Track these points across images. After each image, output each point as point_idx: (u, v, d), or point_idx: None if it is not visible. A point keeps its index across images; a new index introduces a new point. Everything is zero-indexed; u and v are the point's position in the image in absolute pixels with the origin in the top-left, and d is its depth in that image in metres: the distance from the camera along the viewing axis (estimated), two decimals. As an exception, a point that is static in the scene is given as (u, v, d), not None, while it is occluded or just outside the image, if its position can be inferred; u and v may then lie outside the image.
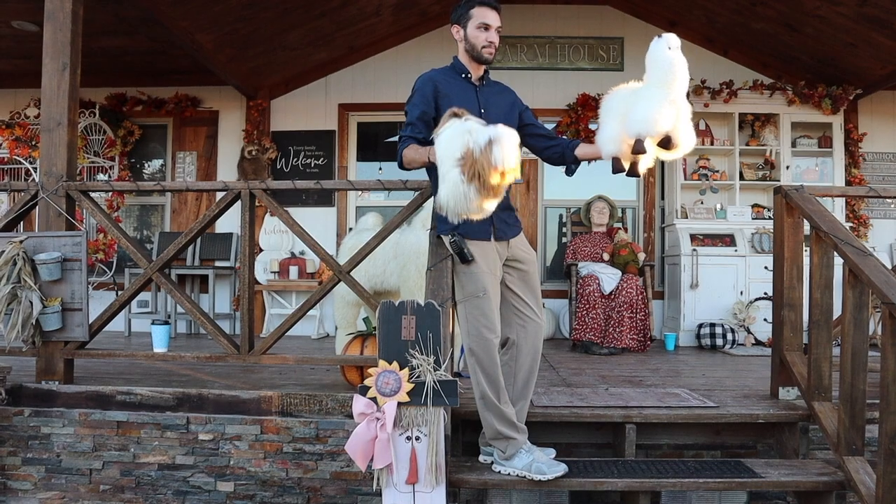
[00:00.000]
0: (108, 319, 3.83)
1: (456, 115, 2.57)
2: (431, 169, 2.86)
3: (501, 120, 2.96)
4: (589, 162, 3.06)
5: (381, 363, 2.53)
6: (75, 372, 3.86)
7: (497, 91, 3.09)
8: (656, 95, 2.68)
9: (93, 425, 3.54)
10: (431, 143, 2.85)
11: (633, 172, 2.85)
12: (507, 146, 2.44)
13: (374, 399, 2.51)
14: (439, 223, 2.97)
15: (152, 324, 4.47)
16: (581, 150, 3.02)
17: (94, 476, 3.52)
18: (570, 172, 3.11)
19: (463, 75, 2.98)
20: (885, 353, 2.51)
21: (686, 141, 2.76)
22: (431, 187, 3.05)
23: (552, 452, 3.04)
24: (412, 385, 2.52)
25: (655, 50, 2.73)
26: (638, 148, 2.70)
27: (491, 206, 2.56)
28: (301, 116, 7.32)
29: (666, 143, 2.71)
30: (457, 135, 2.51)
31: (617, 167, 2.86)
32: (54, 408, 3.59)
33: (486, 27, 2.92)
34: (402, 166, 2.95)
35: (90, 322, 3.74)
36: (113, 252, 6.93)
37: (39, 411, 3.58)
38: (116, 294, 6.54)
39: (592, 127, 7.02)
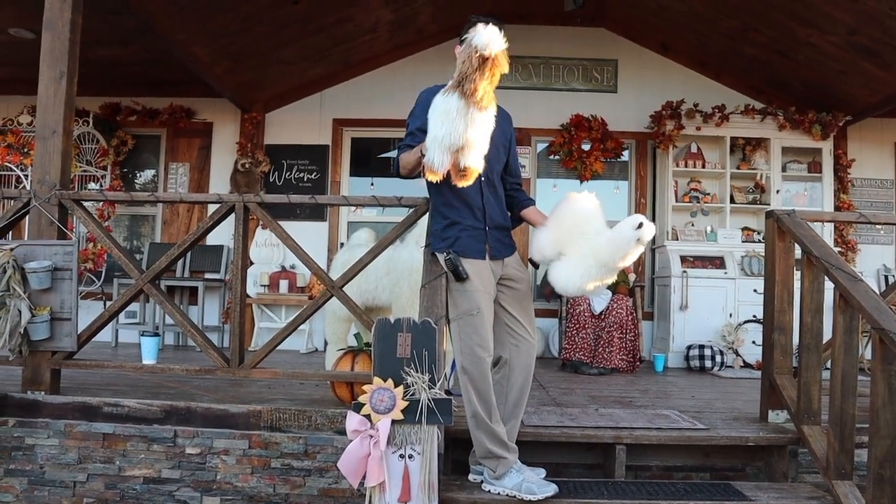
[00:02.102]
0: (98, 330, 3.80)
1: None
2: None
3: (495, 144, 2.98)
4: None
5: (376, 380, 2.52)
6: (62, 382, 3.81)
7: (496, 115, 3.09)
8: (592, 274, 2.85)
9: (78, 437, 3.49)
10: None
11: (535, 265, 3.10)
12: (486, 32, 2.46)
13: (367, 416, 2.50)
14: (434, 241, 2.98)
15: (142, 335, 4.44)
16: (526, 213, 3.13)
17: (78, 489, 3.46)
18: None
19: None
20: (874, 377, 2.52)
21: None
22: (430, 198, 3.06)
23: (542, 472, 3.03)
24: (406, 403, 2.50)
25: (625, 231, 2.81)
26: (548, 292, 2.97)
27: (478, 127, 2.52)
28: (295, 130, 7.33)
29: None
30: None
31: (534, 265, 3.10)
32: (39, 419, 3.54)
33: None
34: (398, 172, 2.95)
35: (79, 332, 3.71)
36: (102, 262, 6.88)
37: (24, 422, 3.53)
38: (104, 304, 6.49)
39: (585, 147, 7.09)
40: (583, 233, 2.85)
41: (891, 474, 2.47)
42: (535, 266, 3.10)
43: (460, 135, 2.48)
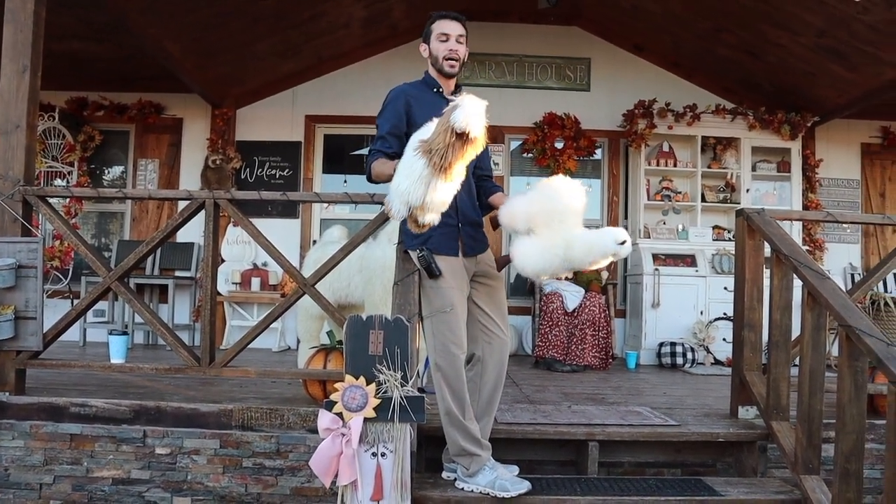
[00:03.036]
0: (64, 329, 3.73)
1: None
2: None
3: None
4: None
5: (348, 378, 2.50)
6: (27, 382, 3.73)
7: None
8: (555, 266, 2.78)
9: (44, 438, 3.43)
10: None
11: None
12: (469, 108, 2.34)
13: (339, 414, 2.48)
14: (407, 238, 2.96)
15: (110, 334, 4.35)
16: (494, 199, 3.07)
17: (45, 491, 3.40)
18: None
19: (434, 89, 2.98)
20: (841, 373, 2.56)
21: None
22: None
23: (515, 469, 3.03)
24: (379, 400, 2.49)
25: (607, 243, 2.76)
26: (504, 261, 3.02)
27: (439, 195, 2.48)
28: (267, 127, 7.25)
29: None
30: (426, 129, 2.50)
31: (494, 224, 3.09)
32: (4, 420, 3.46)
33: (446, 37, 2.92)
34: (370, 179, 2.94)
35: (44, 331, 3.63)
36: (69, 259, 6.75)
37: (-13, 423, 3.46)
38: (72, 303, 6.37)
39: (558, 145, 7.12)
40: (562, 221, 2.77)
41: (856, 468, 2.52)
42: (495, 227, 3.08)
43: (419, 198, 2.47)
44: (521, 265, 2.80)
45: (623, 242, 2.72)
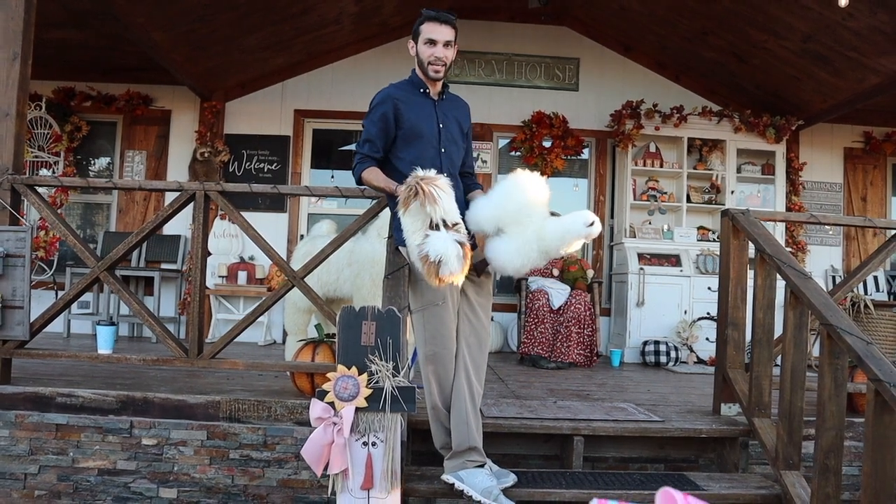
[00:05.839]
0: (51, 319, 3.71)
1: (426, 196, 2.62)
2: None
3: (456, 135, 3.01)
4: None
5: (340, 368, 2.53)
6: (13, 372, 3.71)
7: (455, 106, 3.11)
8: (532, 259, 2.80)
9: (30, 428, 3.41)
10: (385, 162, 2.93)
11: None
12: (454, 264, 2.49)
13: (331, 403, 2.50)
14: (398, 233, 2.97)
15: (98, 324, 4.35)
16: (470, 195, 3.11)
17: (30, 481, 3.39)
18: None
19: (421, 90, 2.99)
20: (822, 371, 2.61)
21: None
22: (389, 202, 3.08)
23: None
24: (370, 390, 2.52)
25: (577, 226, 2.77)
26: (481, 266, 2.96)
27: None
28: (256, 120, 7.24)
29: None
30: (419, 224, 2.62)
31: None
32: (-11, 409, 3.45)
33: (433, 42, 2.89)
34: (358, 183, 2.98)
35: (31, 321, 3.62)
36: (54, 250, 6.71)
37: (-28, 412, 3.44)
38: (56, 294, 6.33)
39: (546, 144, 7.16)
40: (530, 215, 2.79)
41: (835, 464, 2.57)
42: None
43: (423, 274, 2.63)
44: (499, 266, 2.82)
45: (591, 224, 2.74)
